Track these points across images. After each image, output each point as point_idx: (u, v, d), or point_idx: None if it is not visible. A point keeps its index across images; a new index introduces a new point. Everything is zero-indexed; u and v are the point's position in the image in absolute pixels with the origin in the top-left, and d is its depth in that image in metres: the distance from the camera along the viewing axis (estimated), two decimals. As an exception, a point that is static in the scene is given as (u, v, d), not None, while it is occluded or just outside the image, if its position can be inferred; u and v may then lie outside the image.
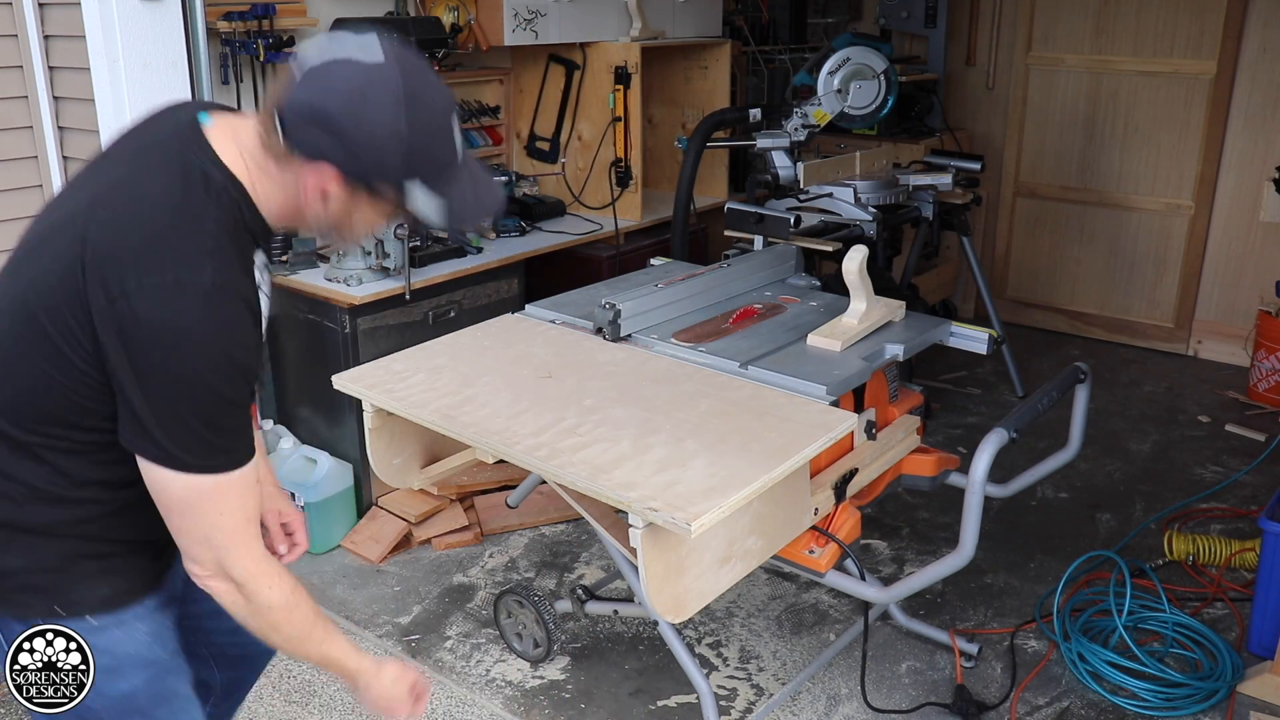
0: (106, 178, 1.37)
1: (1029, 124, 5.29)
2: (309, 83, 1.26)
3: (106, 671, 1.45)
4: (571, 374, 2.15)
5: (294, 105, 1.26)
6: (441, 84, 1.33)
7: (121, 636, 1.46)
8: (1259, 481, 3.74)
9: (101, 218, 1.29)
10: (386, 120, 1.24)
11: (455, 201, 1.34)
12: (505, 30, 3.77)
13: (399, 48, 1.28)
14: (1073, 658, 2.72)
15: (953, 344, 2.47)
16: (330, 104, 1.24)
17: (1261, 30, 4.59)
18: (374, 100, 1.24)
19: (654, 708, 2.62)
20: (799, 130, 3.58)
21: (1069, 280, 5.35)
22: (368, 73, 1.25)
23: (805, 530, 2.18)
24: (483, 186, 1.39)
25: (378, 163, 1.27)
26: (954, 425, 4.23)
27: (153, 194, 1.29)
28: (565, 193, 4.29)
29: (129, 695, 1.47)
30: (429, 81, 1.30)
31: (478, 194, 1.37)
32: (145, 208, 1.28)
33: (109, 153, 1.44)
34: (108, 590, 1.44)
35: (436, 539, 3.34)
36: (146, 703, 1.49)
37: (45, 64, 2.89)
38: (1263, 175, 4.66)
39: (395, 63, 1.26)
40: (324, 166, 1.28)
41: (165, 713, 1.52)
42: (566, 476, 1.78)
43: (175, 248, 1.25)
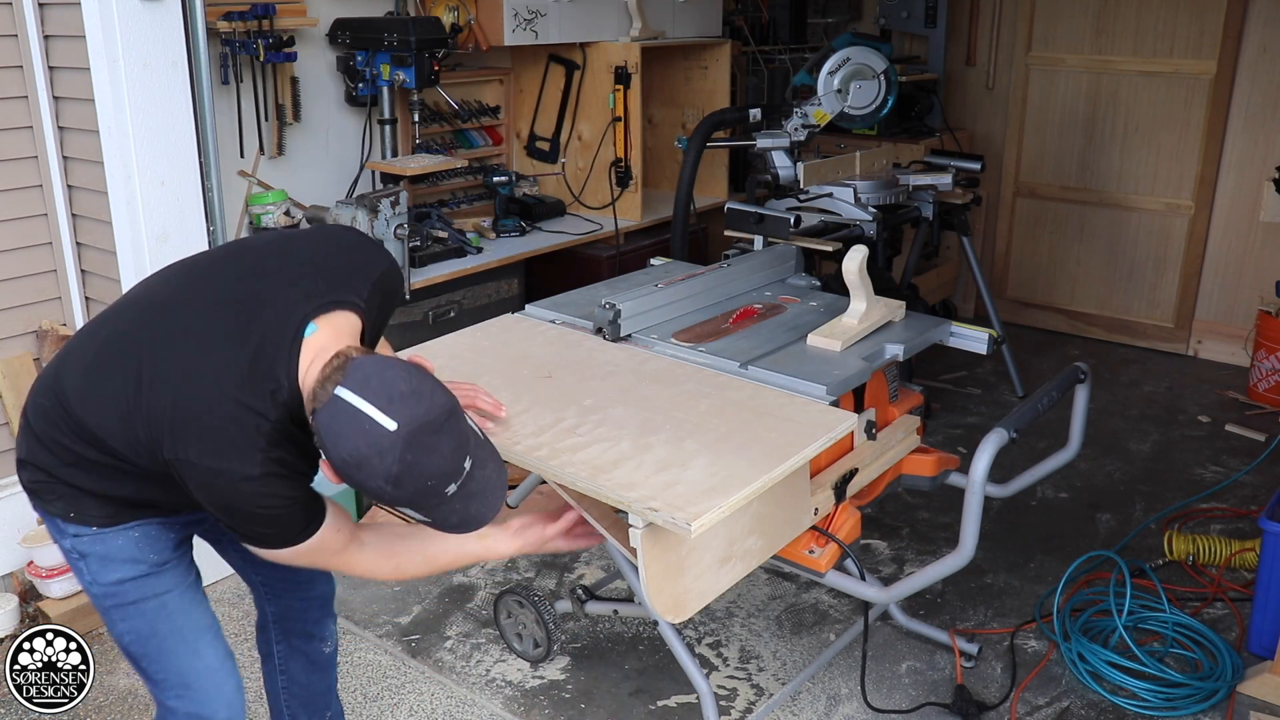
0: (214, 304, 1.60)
1: (1029, 124, 5.29)
2: (330, 415, 1.44)
3: (101, 560, 1.71)
4: (571, 374, 2.15)
5: (317, 422, 1.46)
6: (449, 450, 1.47)
7: (111, 531, 1.71)
8: (1259, 481, 3.74)
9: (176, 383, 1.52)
10: (374, 484, 1.44)
11: (443, 522, 1.54)
12: (505, 30, 3.77)
13: (418, 419, 1.43)
14: (1073, 658, 2.72)
15: (953, 344, 2.47)
16: (335, 454, 1.44)
17: (1261, 30, 4.59)
18: (369, 470, 1.43)
19: (654, 708, 2.62)
20: (799, 130, 3.58)
21: (1069, 280, 5.35)
22: (372, 442, 1.41)
23: (805, 530, 2.18)
24: (476, 504, 1.53)
25: (369, 490, 1.47)
26: (954, 425, 4.23)
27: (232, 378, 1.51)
28: (565, 193, 4.29)
29: (119, 584, 1.72)
30: (433, 452, 1.45)
31: (467, 513, 1.53)
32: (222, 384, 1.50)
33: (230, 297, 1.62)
34: (112, 510, 1.69)
35: (436, 539, 3.34)
36: (135, 594, 1.73)
37: (45, 64, 2.89)
38: (1263, 175, 4.67)
39: (402, 441, 1.41)
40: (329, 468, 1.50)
41: (152, 607, 1.75)
42: (566, 476, 1.78)
43: (233, 441, 1.49)
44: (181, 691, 1.78)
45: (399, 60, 3.48)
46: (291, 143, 3.55)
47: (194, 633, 1.78)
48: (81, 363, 1.62)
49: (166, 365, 1.53)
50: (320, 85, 3.62)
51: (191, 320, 1.58)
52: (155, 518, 1.74)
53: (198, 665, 1.78)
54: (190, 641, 1.78)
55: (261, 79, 3.40)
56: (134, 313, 1.66)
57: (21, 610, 2.91)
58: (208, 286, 1.64)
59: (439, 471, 1.45)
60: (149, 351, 1.55)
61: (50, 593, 2.90)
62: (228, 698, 1.81)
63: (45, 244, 3.01)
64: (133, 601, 1.73)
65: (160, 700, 1.81)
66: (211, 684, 1.80)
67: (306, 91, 3.56)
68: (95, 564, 1.71)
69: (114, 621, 1.76)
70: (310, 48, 3.55)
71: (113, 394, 1.56)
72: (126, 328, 1.63)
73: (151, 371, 1.53)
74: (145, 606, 1.74)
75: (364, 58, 3.52)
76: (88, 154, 2.88)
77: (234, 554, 2.00)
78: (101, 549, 1.70)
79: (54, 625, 2.52)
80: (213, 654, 1.81)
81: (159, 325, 1.59)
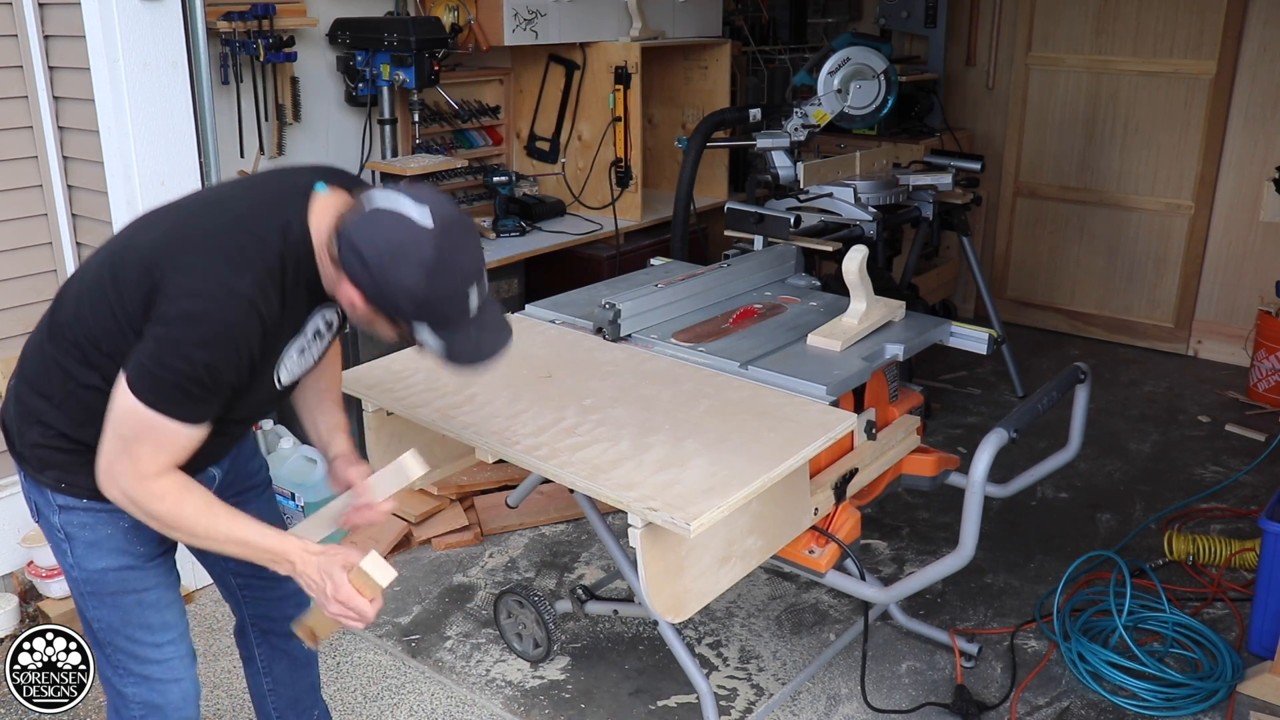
0: (217, 189, 1.65)
1: (1029, 124, 5.29)
2: (365, 220, 1.50)
3: (87, 546, 1.71)
4: (571, 374, 2.15)
5: (348, 232, 1.50)
6: (475, 251, 1.56)
7: (106, 520, 1.70)
8: (1259, 481, 3.74)
9: (192, 207, 1.61)
10: (409, 278, 1.47)
11: (455, 346, 1.56)
12: (505, 30, 3.77)
13: (450, 216, 1.50)
14: (1073, 658, 2.72)
15: (953, 344, 2.47)
16: (370, 249, 1.48)
17: (1261, 30, 4.59)
18: (404, 259, 1.47)
19: (654, 708, 2.62)
20: (799, 130, 3.59)
21: (1069, 280, 5.35)
22: (411, 232, 1.47)
23: (805, 530, 2.18)
24: (487, 335, 1.60)
25: (393, 304, 1.51)
26: (954, 425, 4.23)
27: (239, 209, 1.59)
28: (565, 193, 4.29)
29: (101, 573, 1.72)
30: (463, 250, 1.52)
31: (479, 343, 1.59)
32: (228, 213, 1.58)
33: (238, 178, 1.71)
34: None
35: (436, 539, 3.34)
36: (114, 585, 1.73)
37: (45, 64, 2.89)
38: (1263, 175, 4.67)
39: (438, 232, 1.48)
40: (354, 288, 1.52)
41: (130, 601, 1.75)
42: (566, 476, 1.78)
43: (237, 246, 1.52)
44: (139, 681, 1.79)
45: (399, 60, 3.48)
46: (291, 143, 3.55)
47: (162, 629, 1.79)
48: (71, 292, 1.66)
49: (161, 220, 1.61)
50: (320, 85, 3.62)
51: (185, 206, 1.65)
52: None
53: (159, 658, 1.79)
54: (157, 636, 1.78)
55: (261, 79, 3.40)
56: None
57: (21, 610, 2.91)
58: (195, 196, 1.71)
59: (467, 270, 1.51)
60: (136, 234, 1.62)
61: (50, 593, 2.90)
62: (184, 690, 1.82)
63: (45, 244, 3.01)
64: (111, 593, 1.73)
65: (115, 687, 1.81)
66: (170, 676, 1.80)
67: (306, 91, 3.56)
68: (81, 549, 1.71)
69: (87, 608, 1.76)
70: (310, 48, 3.55)
71: (95, 272, 1.60)
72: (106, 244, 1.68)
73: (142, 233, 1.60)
74: (122, 600, 1.74)
75: (364, 58, 3.52)
76: (88, 154, 2.88)
77: (213, 557, 1.96)
78: (90, 535, 1.70)
79: (54, 625, 2.52)
80: (174, 650, 1.81)
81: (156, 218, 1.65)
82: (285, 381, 1.69)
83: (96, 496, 1.65)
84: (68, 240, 3.02)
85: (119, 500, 1.58)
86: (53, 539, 1.74)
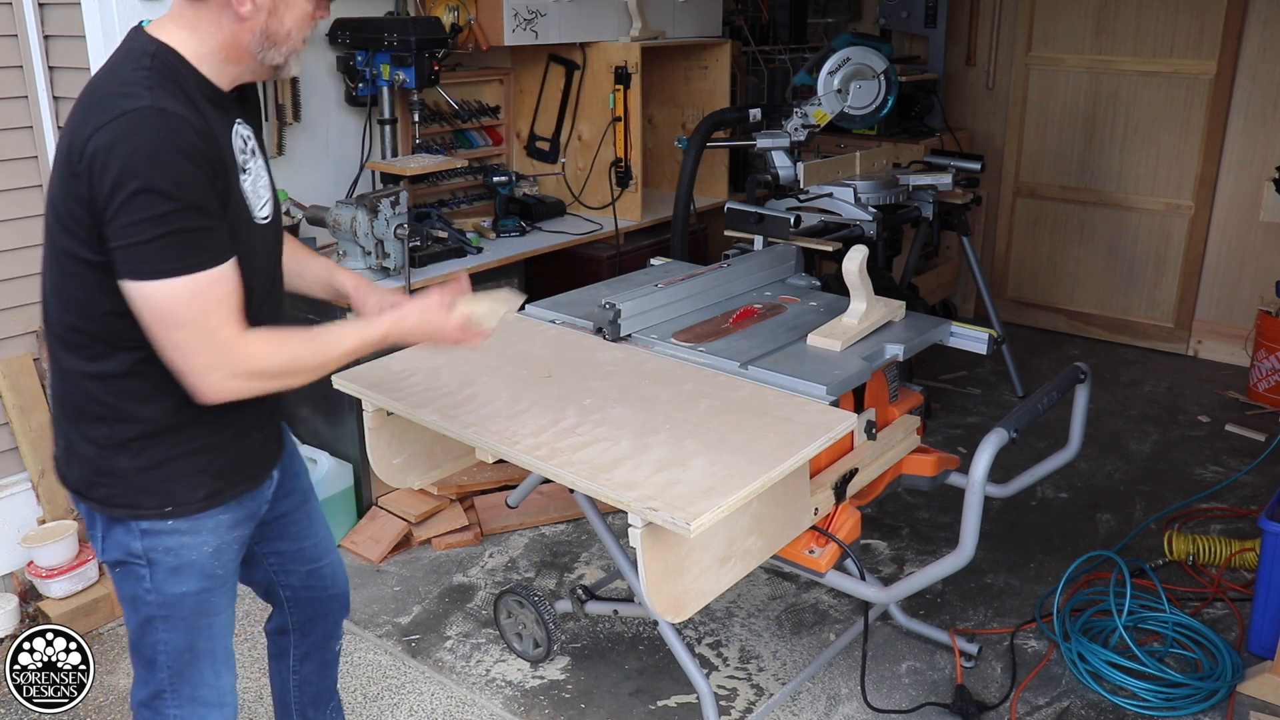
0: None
1: (1029, 124, 5.29)
2: None
3: (170, 571, 1.65)
4: (571, 374, 2.15)
5: None
6: None
7: (190, 543, 1.66)
8: (1259, 481, 3.74)
9: (71, 113, 1.51)
10: None
11: None
12: (505, 30, 3.77)
13: None
14: (1073, 658, 2.72)
15: (953, 344, 2.47)
16: None
17: (1261, 30, 4.59)
18: None
19: (654, 708, 2.62)
20: (799, 130, 3.58)
21: (1069, 280, 5.36)
22: None
23: (805, 530, 2.18)
24: None
25: None
26: (954, 425, 4.23)
27: (99, 77, 1.52)
28: (565, 193, 4.29)
29: (180, 598, 1.68)
30: None
31: None
32: (95, 85, 1.52)
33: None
34: (205, 491, 1.64)
35: (436, 539, 3.34)
36: (192, 610, 1.69)
37: (45, 64, 2.89)
38: (1263, 175, 4.67)
39: None
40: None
41: (204, 624, 1.72)
42: (566, 476, 1.78)
43: (118, 93, 1.45)
44: (188, 704, 1.76)
45: (399, 60, 3.48)
46: (291, 143, 3.55)
47: (222, 655, 1.78)
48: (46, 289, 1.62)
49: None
50: (320, 85, 3.62)
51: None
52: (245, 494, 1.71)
53: (215, 684, 1.78)
54: (217, 663, 1.77)
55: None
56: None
57: (21, 610, 2.91)
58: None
59: None
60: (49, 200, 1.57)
61: (50, 593, 2.90)
62: (226, 717, 1.82)
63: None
64: (186, 616, 1.70)
65: (156, 707, 1.76)
66: (218, 703, 1.80)
67: (306, 91, 3.56)
68: (163, 574, 1.65)
69: (154, 630, 1.70)
70: (310, 48, 3.54)
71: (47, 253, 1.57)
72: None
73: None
74: (196, 624, 1.71)
75: (364, 58, 3.52)
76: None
77: (263, 570, 1.98)
78: (174, 560, 1.65)
79: (54, 625, 2.52)
80: (229, 676, 1.81)
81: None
82: (259, 213, 1.62)
83: (198, 508, 1.64)
84: (68, 240, 3.02)
85: (235, 390, 1.51)
86: (127, 571, 1.66)
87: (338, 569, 2.08)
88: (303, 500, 1.97)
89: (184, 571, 1.66)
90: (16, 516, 2.98)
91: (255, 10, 1.52)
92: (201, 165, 1.45)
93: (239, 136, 1.60)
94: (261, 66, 1.60)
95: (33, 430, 3.00)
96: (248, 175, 1.60)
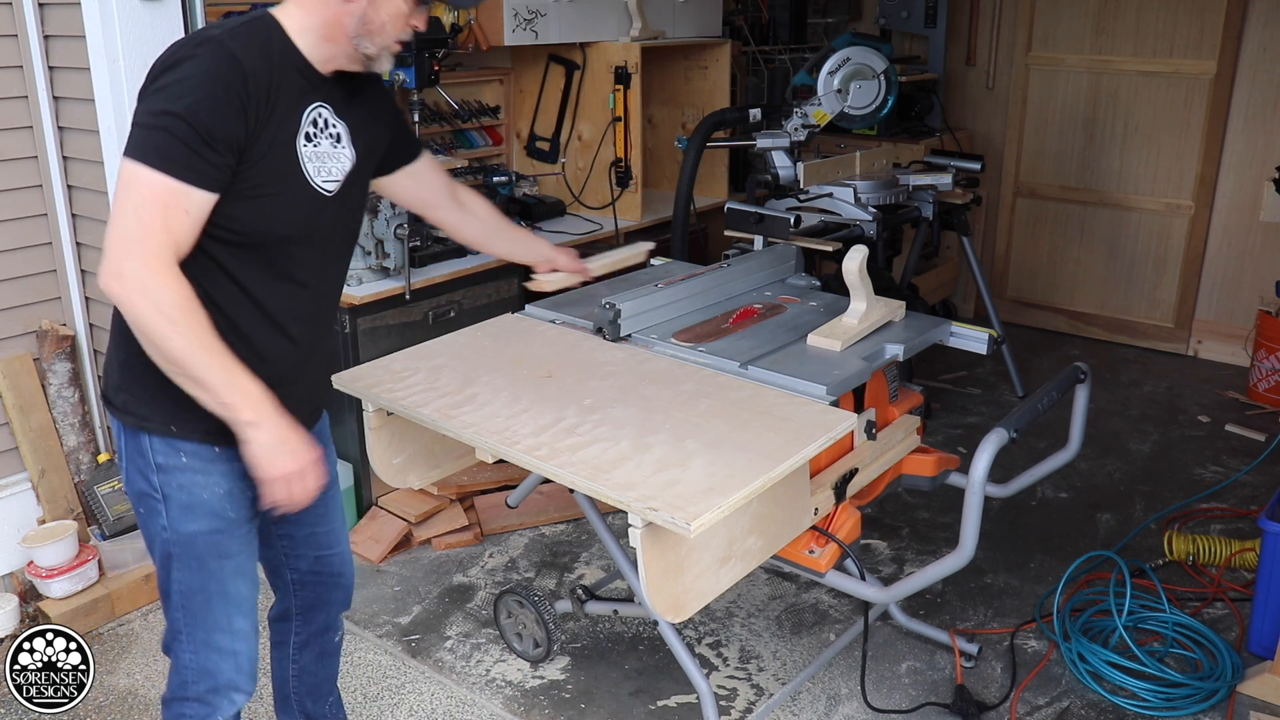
0: None
1: (1029, 124, 5.29)
2: None
3: (182, 508, 1.72)
4: (571, 374, 2.15)
5: None
6: None
7: (203, 482, 1.73)
8: (1259, 481, 3.74)
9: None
10: None
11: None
12: (505, 30, 3.77)
13: None
14: (1073, 658, 2.72)
15: (953, 344, 2.47)
16: None
17: (1261, 30, 4.59)
18: None
19: (654, 708, 2.62)
20: (799, 130, 3.58)
21: (1069, 280, 5.36)
22: None
23: (805, 530, 2.18)
24: None
25: None
26: (954, 425, 4.23)
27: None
28: (565, 193, 4.29)
29: (192, 536, 1.74)
30: None
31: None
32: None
33: None
34: (210, 425, 1.64)
35: (436, 539, 3.34)
36: (205, 549, 1.75)
37: (45, 64, 2.89)
38: (1263, 175, 4.67)
39: None
40: None
41: (217, 565, 1.77)
42: (566, 476, 1.78)
43: (203, 31, 1.61)
44: (201, 647, 1.81)
45: (399, 60, 3.48)
46: (291, 143, 3.55)
47: (237, 600, 1.81)
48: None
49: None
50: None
51: None
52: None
53: (228, 629, 1.81)
54: (231, 607, 1.81)
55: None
56: None
57: (21, 610, 2.91)
58: None
59: None
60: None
61: (50, 593, 2.90)
62: (239, 663, 1.84)
63: (45, 244, 3.01)
64: (199, 555, 1.75)
65: (175, 650, 1.83)
66: (231, 648, 1.83)
67: (306, 91, 3.56)
68: (176, 510, 1.72)
69: (170, 569, 1.76)
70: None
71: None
72: None
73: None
74: (209, 564, 1.76)
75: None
76: (88, 154, 2.89)
77: (276, 549, 2.03)
78: (187, 497, 1.71)
79: (54, 625, 2.53)
80: (244, 622, 1.84)
81: None
82: (323, 184, 1.70)
83: (205, 438, 1.69)
84: (67, 240, 3.02)
85: (118, 292, 1.51)
86: (145, 504, 1.74)
87: (346, 560, 2.11)
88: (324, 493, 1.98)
89: (196, 510, 1.72)
90: (16, 516, 2.98)
91: (349, 3, 1.63)
92: (236, 103, 1.54)
93: (317, 114, 1.70)
94: (356, 53, 1.69)
95: (33, 430, 3.00)
96: (313, 145, 1.69)
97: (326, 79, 1.71)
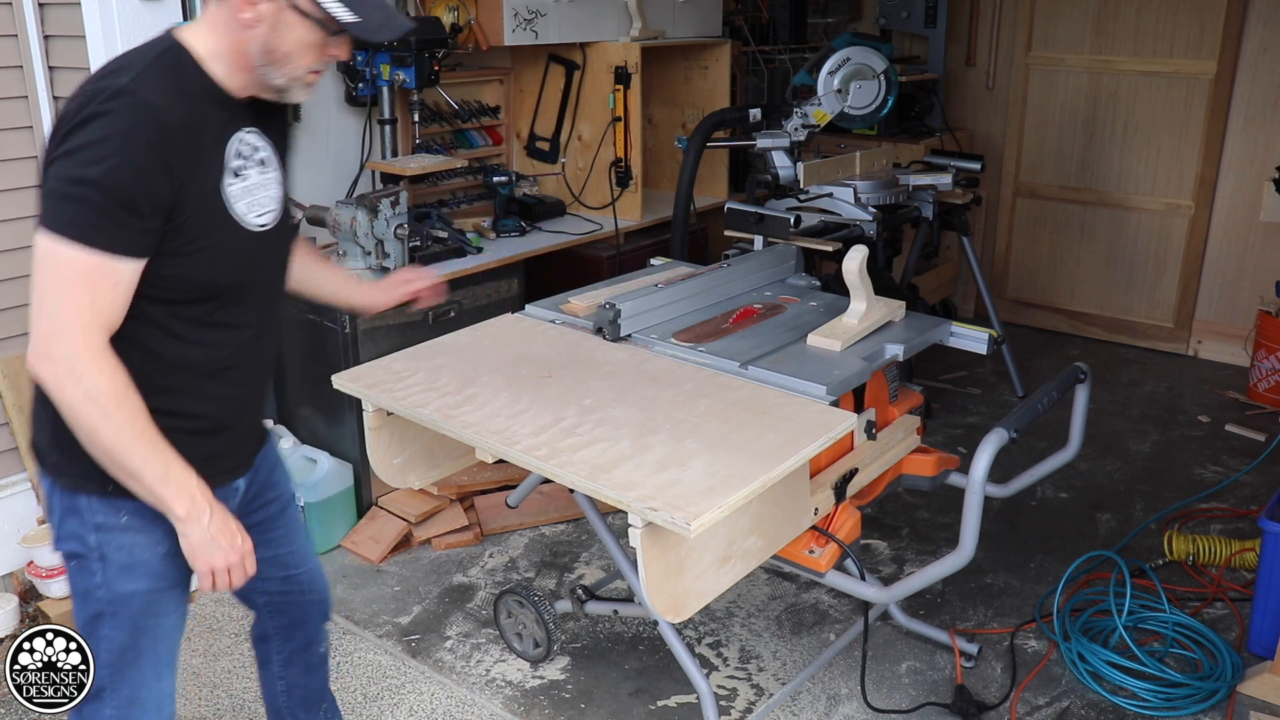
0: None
1: (1029, 124, 5.29)
2: None
3: (121, 569, 1.65)
4: (571, 374, 2.15)
5: None
6: None
7: (145, 542, 1.65)
8: (1259, 481, 3.74)
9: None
10: None
11: (364, 15, 1.53)
12: (505, 30, 3.77)
13: None
14: (1073, 658, 2.72)
15: (953, 344, 2.47)
16: None
17: (1261, 30, 4.59)
18: None
19: (654, 708, 2.62)
20: (799, 130, 3.58)
21: (1069, 280, 5.36)
22: None
23: (805, 530, 2.18)
24: (389, 12, 1.60)
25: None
26: (954, 425, 4.23)
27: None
28: (565, 193, 4.29)
29: (129, 596, 1.67)
30: None
31: (390, 11, 1.60)
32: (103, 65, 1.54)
33: None
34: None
35: (436, 539, 3.34)
36: (139, 610, 1.69)
37: (45, 64, 2.89)
38: (1263, 175, 4.67)
39: None
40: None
41: (150, 624, 1.71)
42: (566, 476, 1.78)
43: (110, 69, 1.49)
44: (126, 706, 1.74)
45: (399, 60, 3.48)
46: (291, 143, 3.55)
47: (166, 659, 1.76)
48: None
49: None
50: (320, 85, 3.60)
51: None
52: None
53: (155, 688, 1.76)
54: (159, 666, 1.75)
55: (261, 79, 3.40)
56: None
57: (21, 610, 2.91)
58: None
59: None
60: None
61: (50, 593, 2.90)
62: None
63: (45, 244, 3.01)
64: (133, 615, 1.68)
65: (94, 708, 1.75)
66: (155, 707, 1.77)
67: (306, 91, 3.56)
68: (114, 571, 1.64)
69: (99, 627, 1.69)
70: (310, 48, 3.54)
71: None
72: None
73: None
74: (142, 624, 1.70)
75: (364, 58, 3.52)
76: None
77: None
78: (126, 558, 1.64)
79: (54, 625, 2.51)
80: (169, 681, 1.79)
81: None
82: (257, 220, 1.61)
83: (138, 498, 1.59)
84: (68, 240, 3.02)
85: (49, 376, 1.44)
86: (82, 564, 1.65)
87: (316, 576, 2.06)
88: (280, 509, 1.95)
89: (136, 570, 1.65)
90: (16, 516, 2.98)
91: (257, 19, 1.51)
92: (154, 160, 1.43)
93: (242, 142, 1.60)
94: (264, 83, 1.59)
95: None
96: (241, 180, 1.59)
97: (245, 102, 1.61)
